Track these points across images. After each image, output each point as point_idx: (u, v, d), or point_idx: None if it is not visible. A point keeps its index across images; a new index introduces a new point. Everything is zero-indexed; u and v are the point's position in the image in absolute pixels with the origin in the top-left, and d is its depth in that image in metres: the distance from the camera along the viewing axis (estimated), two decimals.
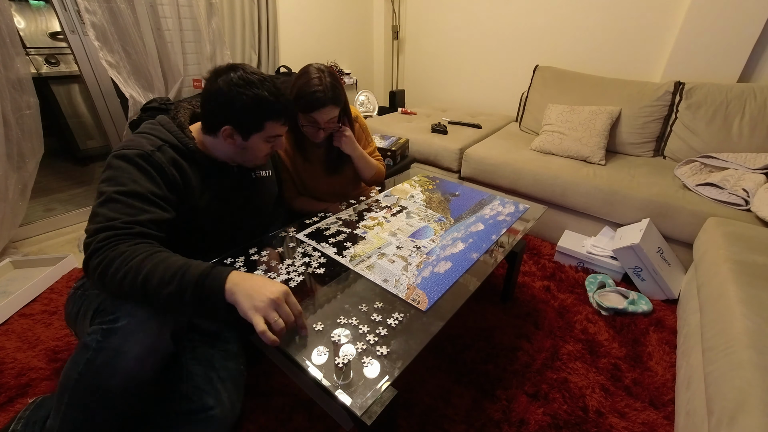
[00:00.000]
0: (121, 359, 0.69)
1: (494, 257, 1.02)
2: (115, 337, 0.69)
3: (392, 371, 0.67)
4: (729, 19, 1.76)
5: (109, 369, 0.69)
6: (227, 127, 0.87)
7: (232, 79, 0.84)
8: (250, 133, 0.89)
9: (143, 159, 0.82)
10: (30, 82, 1.59)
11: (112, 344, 0.69)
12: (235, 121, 0.87)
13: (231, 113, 0.86)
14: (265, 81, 0.87)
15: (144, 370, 0.72)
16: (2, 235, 1.63)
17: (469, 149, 2.03)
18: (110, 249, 0.70)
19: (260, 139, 0.91)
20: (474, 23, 2.71)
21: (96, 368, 0.69)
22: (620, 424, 1.00)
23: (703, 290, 1.08)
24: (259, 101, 0.85)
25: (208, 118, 0.91)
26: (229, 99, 0.84)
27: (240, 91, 0.84)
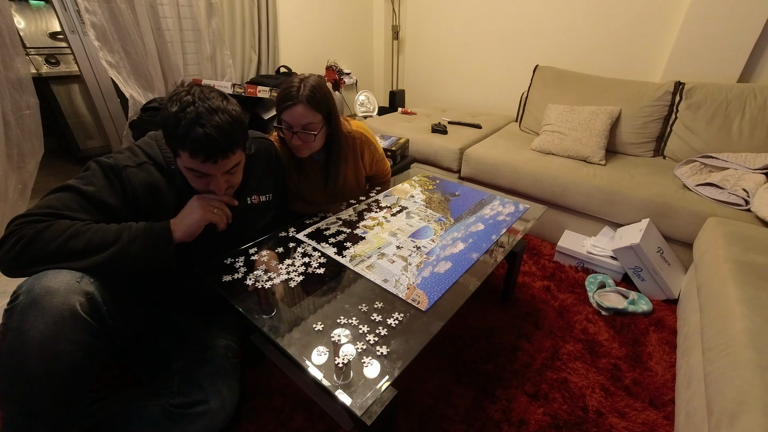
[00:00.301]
0: (26, 337, 0.65)
1: (494, 257, 1.02)
2: (15, 317, 0.66)
3: (392, 371, 0.67)
4: (729, 19, 1.76)
5: (18, 352, 0.65)
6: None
7: (177, 93, 0.81)
8: (174, 155, 0.84)
9: (111, 170, 0.83)
10: (30, 82, 1.59)
11: (14, 324, 0.66)
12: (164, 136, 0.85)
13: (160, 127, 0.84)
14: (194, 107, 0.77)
15: (60, 347, 0.67)
16: None
17: (469, 149, 2.03)
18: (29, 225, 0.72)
19: (182, 167, 0.85)
20: (474, 23, 2.71)
21: (5, 353, 0.66)
22: (620, 424, 1.00)
23: (703, 290, 1.08)
24: (168, 121, 0.78)
25: None
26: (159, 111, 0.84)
27: (166, 105, 0.80)
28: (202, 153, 0.78)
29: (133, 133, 1.92)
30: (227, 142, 0.80)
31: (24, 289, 0.69)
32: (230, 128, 0.80)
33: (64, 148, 2.92)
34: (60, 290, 0.68)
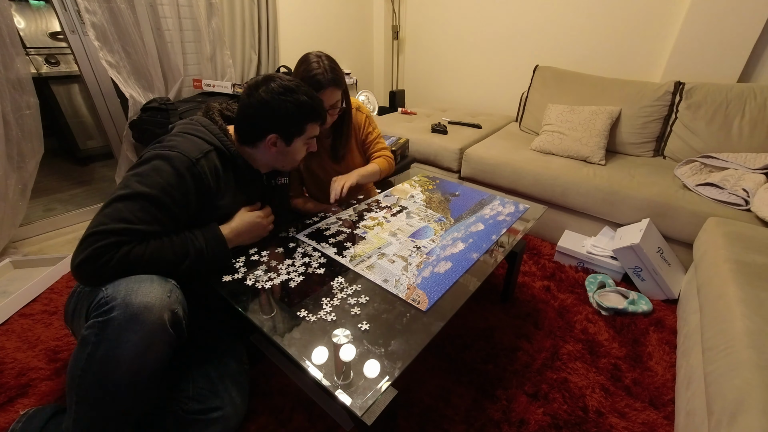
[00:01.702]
0: (121, 350, 0.69)
1: (494, 257, 1.02)
2: (111, 329, 0.69)
3: (392, 371, 0.67)
4: (729, 19, 1.76)
5: (111, 361, 0.69)
6: (273, 135, 0.91)
7: (274, 89, 0.88)
8: (293, 137, 0.94)
9: (186, 167, 0.82)
10: (30, 82, 1.59)
11: (110, 335, 0.69)
12: (279, 128, 0.91)
13: (276, 121, 0.90)
14: (301, 86, 0.92)
15: (147, 359, 0.72)
16: (2, 235, 1.63)
17: (469, 149, 2.03)
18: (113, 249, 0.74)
19: (301, 142, 0.96)
20: (474, 23, 2.71)
21: (98, 362, 0.69)
22: (620, 424, 1.00)
23: (703, 290, 1.08)
24: (301, 105, 0.90)
25: (251, 130, 0.93)
26: (273, 107, 0.89)
27: (283, 99, 0.88)
28: (325, 116, 0.98)
29: (133, 133, 1.92)
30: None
31: (119, 302, 0.70)
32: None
33: (64, 148, 2.92)
34: (156, 306, 0.72)
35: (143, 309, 0.71)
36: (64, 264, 1.58)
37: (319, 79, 1.11)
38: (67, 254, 1.62)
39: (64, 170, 2.76)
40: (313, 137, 0.99)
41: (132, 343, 0.69)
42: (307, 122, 0.94)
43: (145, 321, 0.71)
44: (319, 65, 1.12)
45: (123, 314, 0.69)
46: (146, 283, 0.73)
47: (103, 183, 2.54)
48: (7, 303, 1.34)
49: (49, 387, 1.08)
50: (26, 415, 0.90)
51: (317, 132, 0.99)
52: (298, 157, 1.00)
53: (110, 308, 0.70)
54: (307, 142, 0.99)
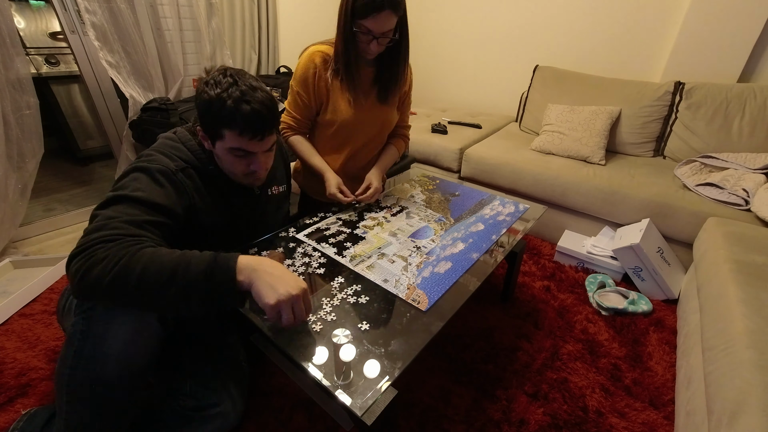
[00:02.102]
0: (109, 345, 0.67)
1: (494, 257, 1.02)
2: (97, 324, 0.67)
3: (392, 371, 0.67)
4: (729, 19, 1.76)
5: (99, 357, 0.67)
6: (199, 127, 0.85)
7: (207, 80, 0.80)
8: (214, 138, 0.83)
9: (164, 176, 0.79)
10: (30, 82, 1.59)
11: (96, 331, 0.67)
12: (201, 122, 0.84)
13: (198, 111, 0.83)
14: (237, 86, 0.78)
15: (137, 354, 0.70)
16: (2, 235, 1.63)
17: (469, 149, 2.03)
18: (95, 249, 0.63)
19: (224, 149, 0.83)
20: (474, 23, 2.71)
21: (85, 359, 0.67)
22: (620, 424, 1.00)
23: (703, 290, 1.08)
24: (212, 103, 0.78)
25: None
26: (196, 97, 0.82)
27: (204, 89, 0.79)
28: (251, 129, 0.79)
29: (133, 133, 1.92)
30: (271, 117, 0.82)
31: None
32: (271, 104, 0.82)
33: (64, 148, 2.92)
34: None
35: None
36: (64, 264, 1.58)
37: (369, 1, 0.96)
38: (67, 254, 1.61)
39: (64, 170, 2.76)
40: (240, 150, 0.82)
41: (119, 337, 0.67)
42: (222, 126, 0.79)
43: (130, 313, 0.69)
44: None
45: (108, 308, 0.68)
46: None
47: (103, 183, 2.54)
48: (7, 303, 1.34)
49: (49, 387, 1.08)
50: (27, 415, 0.90)
51: (244, 146, 0.81)
52: (233, 169, 0.87)
53: (94, 304, 0.69)
54: (236, 154, 0.83)
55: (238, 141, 0.81)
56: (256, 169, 0.87)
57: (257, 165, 0.87)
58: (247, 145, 0.82)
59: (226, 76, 0.80)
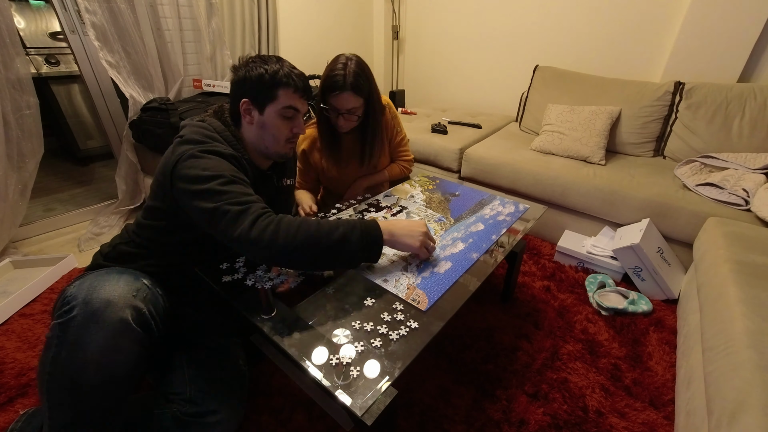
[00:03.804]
0: (86, 350, 0.66)
1: (494, 257, 1.02)
2: (72, 329, 0.67)
3: (392, 371, 0.67)
4: (729, 19, 1.76)
5: (77, 362, 0.66)
6: (245, 99, 0.90)
7: (249, 59, 0.90)
8: (265, 103, 0.90)
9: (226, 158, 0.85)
10: (30, 82, 1.59)
11: (71, 337, 0.67)
12: (250, 92, 0.90)
13: (246, 85, 0.89)
14: (283, 60, 0.92)
15: (118, 361, 0.69)
16: (2, 235, 1.63)
17: (469, 149, 2.03)
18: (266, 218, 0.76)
19: (275, 112, 0.91)
20: (474, 23, 2.71)
21: (63, 364, 0.67)
22: (620, 424, 1.00)
23: (703, 290, 1.08)
24: (271, 69, 0.88)
25: (232, 104, 0.94)
26: (245, 73, 0.89)
27: (255, 64, 0.89)
28: (303, 87, 0.92)
29: (133, 133, 1.92)
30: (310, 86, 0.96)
31: (80, 300, 0.69)
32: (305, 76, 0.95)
33: (64, 148, 2.92)
34: (118, 303, 0.70)
35: (103, 306, 0.68)
36: (64, 264, 1.58)
37: (337, 80, 1.10)
38: (67, 254, 1.62)
39: (64, 170, 2.76)
40: (292, 109, 0.92)
41: (96, 343, 0.67)
42: (278, 87, 0.89)
43: (107, 318, 0.68)
44: (344, 68, 1.11)
45: (83, 313, 0.67)
46: (112, 281, 0.72)
47: (103, 183, 2.54)
48: (7, 303, 1.34)
49: None
50: (26, 415, 0.90)
51: (298, 105, 0.93)
52: (278, 134, 0.94)
53: (70, 308, 0.69)
54: (285, 114, 0.92)
55: (292, 98, 0.91)
56: (298, 131, 0.97)
57: (299, 127, 0.97)
58: (298, 102, 0.93)
59: (267, 57, 0.92)
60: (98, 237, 1.87)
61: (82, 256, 1.74)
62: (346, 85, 1.10)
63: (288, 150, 1.00)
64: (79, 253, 1.77)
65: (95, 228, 1.92)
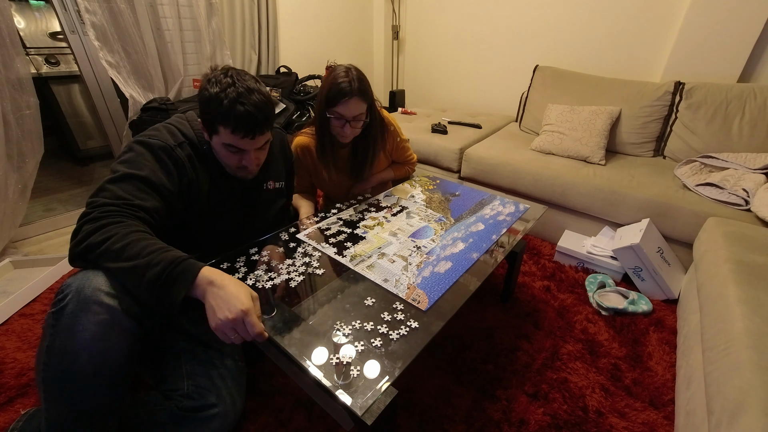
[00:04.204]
0: (78, 338, 0.66)
1: (494, 257, 1.02)
2: (65, 318, 0.67)
3: (392, 371, 0.67)
4: (729, 19, 1.76)
5: (70, 351, 0.66)
6: (199, 119, 0.91)
7: (215, 74, 0.87)
8: (210, 132, 0.89)
9: (164, 152, 0.86)
10: (30, 82, 1.59)
11: (64, 325, 0.67)
12: (200, 116, 0.90)
13: (199, 107, 0.89)
14: (234, 87, 0.83)
15: (110, 349, 0.69)
16: (2, 235, 1.63)
17: (469, 149, 2.03)
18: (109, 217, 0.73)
19: (219, 143, 0.89)
20: (474, 23, 2.71)
21: (57, 354, 0.67)
22: (620, 424, 1.00)
23: (703, 290, 1.08)
24: (210, 101, 0.84)
25: None
26: (199, 93, 0.88)
27: (205, 86, 0.86)
28: (243, 129, 0.85)
29: (133, 133, 1.91)
30: (264, 119, 0.88)
31: (73, 289, 0.69)
32: (265, 107, 0.88)
33: (64, 148, 2.92)
34: (110, 292, 0.70)
35: (95, 294, 0.68)
36: (64, 264, 1.58)
37: (343, 87, 1.11)
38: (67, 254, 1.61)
39: (64, 170, 2.76)
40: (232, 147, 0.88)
41: (88, 331, 0.66)
42: (217, 122, 0.85)
43: (98, 307, 0.68)
44: (347, 75, 1.13)
45: (76, 301, 0.68)
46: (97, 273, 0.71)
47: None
48: (7, 303, 1.34)
49: None
50: (27, 415, 0.90)
51: (235, 143, 0.87)
52: (228, 162, 0.93)
53: (64, 296, 0.69)
54: (229, 149, 0.89)
55: (231, 138, 0.87)
56: (246, 164, 0.94)
57: (248, 161, 0.93)
58: (239, 142, 0.88)
59: (227, 76, 0.86)
60: None
61: None
62: (353, 91, 1.11)
63: (243, 175, 0.98)
64: None
65: None
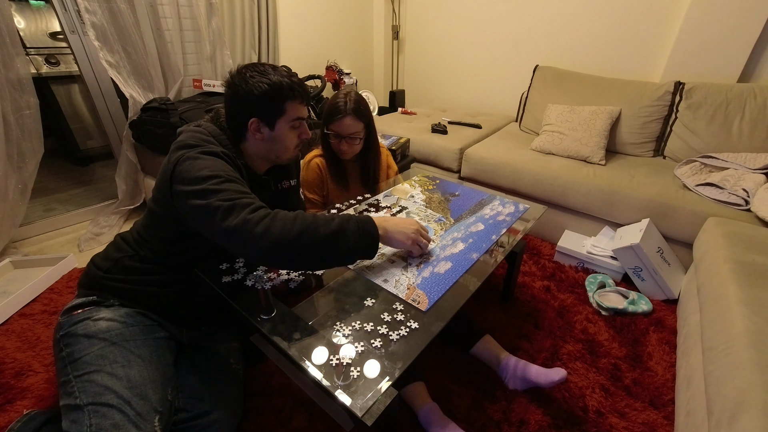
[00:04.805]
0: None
1: (494, 257, 1.02)
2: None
3: (392, 371, 0.67)
4: (729, 19, 1.76)
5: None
6: (253, 119, 0.90)
7: (247, 74, 0.88)
8: (275, 119, 0.91)
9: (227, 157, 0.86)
10: (30, 82, 1.59)
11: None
12: (258, 111, 0.89)
13: (253, 104, 0.88)
14: (277, 67, 0.91)
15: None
16: (2, 235, 1.63)
17: (469, 149, 2.03)
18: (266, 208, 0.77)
19: (285, 125, 0.92)
20: (474, 23, 2.71)
21: None
22: (620, 424, 1.00)
23: (703, 290, 1.08)
24: (275, 84, 0.88)
25: (234, 120, 0.92)
26: (248, 90, 0.87)
27: (256, 80, 0.87)
28: (305, 96, 0.94)
29: (133, 133, 1.92)
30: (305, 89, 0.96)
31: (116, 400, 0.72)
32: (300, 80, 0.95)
33: (64, 148, 2.92)
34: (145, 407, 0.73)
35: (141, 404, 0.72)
36: (64, 264, 1.58)
37: (339, 106, 1.21)
38: (67, 254, 1.62)
39: (64, 170, 2.76)
40: (300, 119, 0.95)
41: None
42: (285, 101, 0.90)
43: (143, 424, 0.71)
44: (345, 96, 1.23)
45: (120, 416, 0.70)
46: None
47: (103, 183, 2.54)
48: (7, 303, 1.34)
49: (48, 387, 1.08)
50: (27, 416, 0.90)
51: (302, 113, 0.95)
52: (289, 144, 0.96)
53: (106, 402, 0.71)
54: (294, 125, 0.94)
55: (299, 109, 0.93)
56: (305, 136, 0.99)
57: (306, 132, 0.98)
58: (303, 111, 0.95)
59: (260, 66, 0.90)
60: (98, 237, 1.87)
61: (82, 256, 1.74)
62: (347, 110, 1.21)
63: (297, 153, 1.02)
64: (79, 253, 1.77)
65: (95, 228, 1.92)
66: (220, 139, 0.91)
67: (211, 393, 0.87)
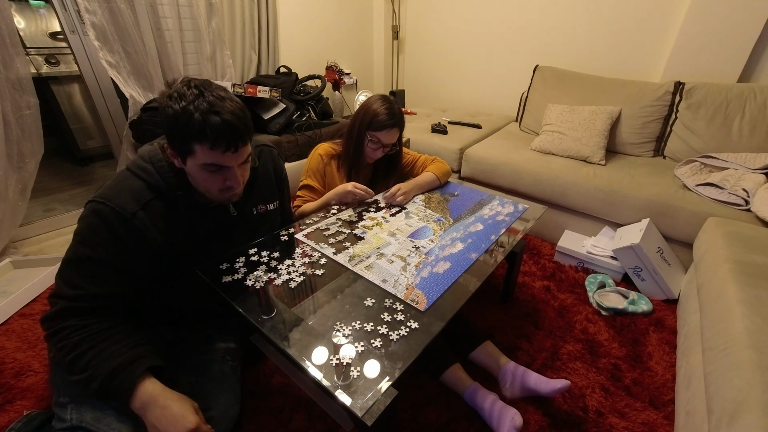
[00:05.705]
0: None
1: (494, 257, 1.02)
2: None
3: (392, 371, 0.67)
4: (729, 19, 1.76)
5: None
6: (167, 146, 0.79)
7: (170, 93, 0.74)
8: (184, 155, 0.76)
9: (122, 222, 0.76)
10: (30, 82, 1.59)
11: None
12: (167, 135, 0.77)
13: (165, 127, 0.75)
14: (203, 97, 0.73)
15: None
16: (2, 235, 1.63)
17: (469, 149, 2.03)
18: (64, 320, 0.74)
19: (196, 166, 0.77)
20: (474, 23, 2.71)
21: None
22: (620, 424, 1.00)
23: (703, 290, 1.08)
24: (177, 118, 0.71)
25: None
26: (162, 109, 0.74)
27: (167, 104, 0.73)
28: (224, 141, 0.73)
29: (133, 133, 1.91)
30: (244, 127, 0.76)
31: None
32: (242, 113, 0.77)
33: (64, 148, 2.92)
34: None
35: None
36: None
37: (388, 115, 1.22)
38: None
39: (64, 170, 2.76)
40: (214, 165, 0.77)
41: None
42: (191, 141, 0.73)
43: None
44: (390, 108, 1.23)
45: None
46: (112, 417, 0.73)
47: (102, 183, 2.54)
48: (7, 303, 1.34)
49: (48, 387, 1.08)
50: (27, 417, 0.90)
51: (216, 160, 0.76)
52: (209, 187, 0.81)
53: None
54: (209, 170, 0.77)
55: (210, 156, 0.75)
56: (232, 184, 0.81)
57: (233, 180, 0.81)
58: (220, 159, 0.76)
59: (190, 87, 0.74)
60: None
61: None
62: (396, 123, 1.24)
63: (228, 197, 0.85)
64: None
65: None
66: (158, 167, 0.80)
67: (207, 391, 0.86)
